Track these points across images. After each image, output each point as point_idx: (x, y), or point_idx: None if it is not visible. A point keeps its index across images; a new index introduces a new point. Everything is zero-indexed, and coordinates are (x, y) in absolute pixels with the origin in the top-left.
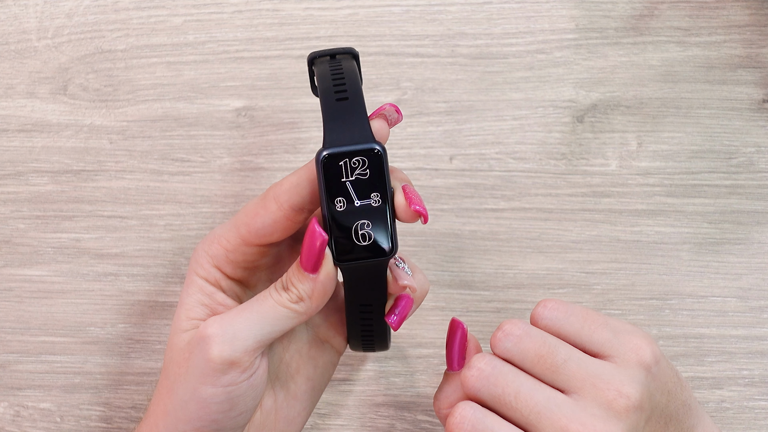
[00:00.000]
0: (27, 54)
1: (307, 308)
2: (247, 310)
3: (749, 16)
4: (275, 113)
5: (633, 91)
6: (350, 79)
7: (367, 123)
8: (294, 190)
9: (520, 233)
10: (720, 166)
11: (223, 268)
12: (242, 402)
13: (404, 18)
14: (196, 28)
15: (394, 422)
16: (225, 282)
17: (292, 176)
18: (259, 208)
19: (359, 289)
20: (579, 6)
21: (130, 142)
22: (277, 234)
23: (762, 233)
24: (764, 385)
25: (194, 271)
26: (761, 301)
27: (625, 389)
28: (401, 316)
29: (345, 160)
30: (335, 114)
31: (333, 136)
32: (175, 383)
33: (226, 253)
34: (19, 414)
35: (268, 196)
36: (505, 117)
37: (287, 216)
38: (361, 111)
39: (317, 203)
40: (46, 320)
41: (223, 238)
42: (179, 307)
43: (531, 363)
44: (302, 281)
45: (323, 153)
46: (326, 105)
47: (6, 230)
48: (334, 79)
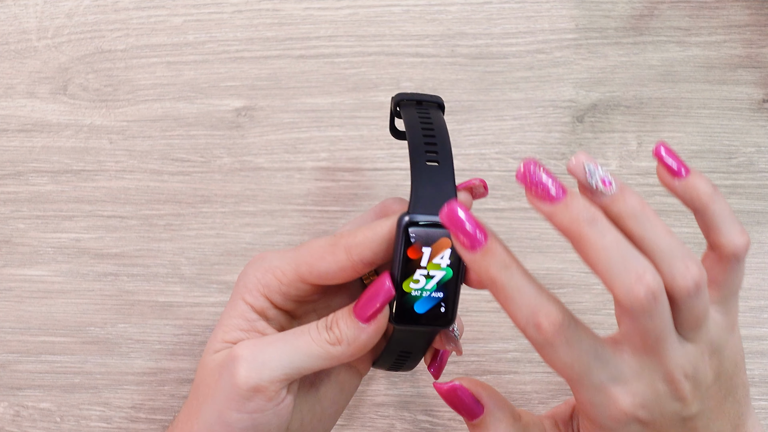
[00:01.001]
0: (27, 54)
1: (342, 353)
2: (282, 341)
3: (749, 16)
4: (275, 113)
5: (633, 91)
6: (441, 140)
7: (454, 194)
8: (368, 246)
9: (520, 233)
10: (720, 166)
11: (272, 298)
12: (266, 429)
13: (404, 18)
14: (196, 28)
15: (394, 422)
16: (271, 311)
17: (368, 230)
18: (327, 253)
19: (405, 342)
20: (579, 6)
21: (130, 142)
22: (338, 279)
23: (762, 233)
24: (764, 385)
25: (241, 296)
26: (761, 301)
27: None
28: (442, 366)
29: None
30: (424, 177)
31: (419, 202)
32: (203, 404)
33: (280, 286)
34: (19, 414)
35: (339, 244)
36: (505, 117)
37: (355, 267)
38: (450, 180)
39: (388, 260)
40: (46, 320)
41: (279, 270)
42: (217, 326)
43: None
44: (350, 327)
45: (406, 218)
46: (416, 164)
47: (6, 230)
48: (425, 135)
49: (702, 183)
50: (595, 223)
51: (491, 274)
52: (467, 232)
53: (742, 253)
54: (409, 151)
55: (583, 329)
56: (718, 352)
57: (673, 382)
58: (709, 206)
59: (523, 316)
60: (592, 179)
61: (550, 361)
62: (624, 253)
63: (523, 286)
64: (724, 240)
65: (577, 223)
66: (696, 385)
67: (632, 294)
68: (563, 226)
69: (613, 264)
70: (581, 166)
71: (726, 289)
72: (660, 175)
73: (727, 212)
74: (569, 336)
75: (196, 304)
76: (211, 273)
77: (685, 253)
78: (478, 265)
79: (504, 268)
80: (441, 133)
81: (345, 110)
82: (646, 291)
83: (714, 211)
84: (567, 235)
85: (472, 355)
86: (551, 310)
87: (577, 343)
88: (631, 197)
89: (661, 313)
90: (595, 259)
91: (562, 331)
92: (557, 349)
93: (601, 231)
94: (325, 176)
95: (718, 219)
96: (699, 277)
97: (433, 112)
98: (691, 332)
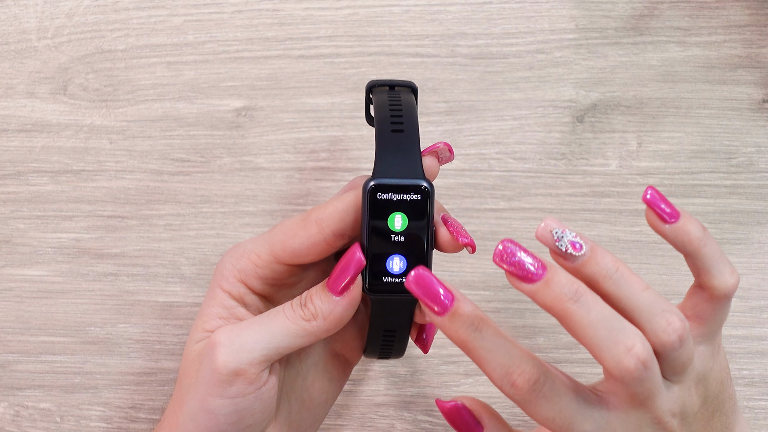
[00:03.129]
0: (27, 54)
1: (317, 328)
2: (257, 323)
3: (749, 16)
4: (275, 113)
5: (633, 91)
6: (408, 113)
7: (419, 158)
8: (338, 216)
9: (520, 233)
10: (720, 166)
11: (249, 282)
12: (250, 415)
13: (404, 18)
14: (196, 28)
15: (394, 422)
16: (249, 297)
17: (336, 201)
18: (298, 228)
19: (386, 317)
20: (579, 6)
21: (130, 142)
22: (311, 256)
23: (762, 233)
24: (764, 385)
25: (218, 284)
26: (761, 301)
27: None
28: (429, 340)
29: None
30: (388, 145)
31: (383, 166)
32: (186, 395)
33: (255, 269)
34: (19, 414)
35: (309, 218)
36: (505, 117)
37: (327, 240)
38: (415, 146)
39: (359, 231)
40: (46, 320)
41: (254, 253)
42: (198, 317)
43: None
44: (324, 301)
45: (371, 183)
46: (380, 134)
47: (6, 230)
48: (391, 109)
49: (692, 227)
50: (579, 299)
51: (461, 337)
52: (434, 296)
53: (732, 293)
54: (375, 127)
55: (561, 383)
56: (704, 380)
57: (661, 423)
58: (700, 250)
59: (498, 376)
60: (561, 244)
61: (533, 416)
62: (611, 326)
63: (495, 346)
64: (715, 282)
65: (561, 302)
66: (683, 418)
67: (622, 366)
68: (547, 305)
69: (600, 338)
70: (548, 233)
71: (713, 324)
72: (650, 220)
73: (717, 254)
74: (546, 392)
75: (196, 304)
76: (211, 273)
77: (664, 307)
78: (447, 328)
79: (473, 330)
80: (408, 108)
81: (345, 110)
82: (636, 362)
83: (705, 255)
84: (552, 312)
85: None
86: (525, 368)
87: (555, 397)
88: (604, 257)
89: (651, 377)
90: (583, 335)
91: (539, 387)
92: (536, 405)
93: (586, 307)
94: (325, 176)
95: (709, 262)
96: (682, 330)
97: (403, 95)
98: (678, 376)
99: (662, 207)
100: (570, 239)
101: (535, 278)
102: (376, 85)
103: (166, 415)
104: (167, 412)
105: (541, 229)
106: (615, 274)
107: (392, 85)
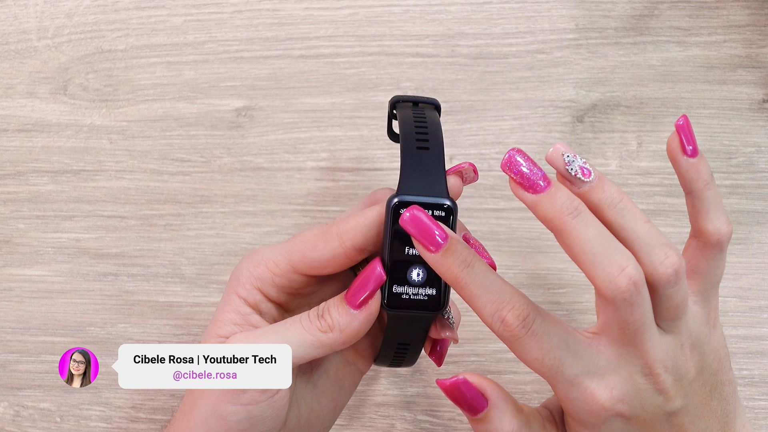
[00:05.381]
0: (27, 54)
1: (334, 341)
2: (273, 332)
3: (749, 16)
4: (275, 113)
5: (633, 91)
6: (433, 130)
7: (443, 177)
8: (360, 231)
9: (520, 233)
10: (720, 166)
11: (265, 290)
12: (261, 422)
13: (404, 18)
14: (196, 28)
15: (394, 422)
16: (264, 304)
17: (359, 216)
18: (319, 240)
19: (402, 331)
20: (579, 6)
21: (130, 142)
22: (330, 268)
23: (762, 233)
24: (764, 385)
25: (234, 290)
26: (761, 301)
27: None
28: (443, 353)
29: None
30: (414, 162)
31: (408, 183)
32: (198, 399)
33: (273, 277)
34: (19, 414)
35: (330, 231)
36: (505, 117)
37: (347, 254)
38: (440, 164)
39: (380, 246)
40: (46, 320)
41: (272, 261)
42: (212, 322)
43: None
44: (341, 313)
45: (395, 199)
46: (406, 151)
47: (6, 230)
48: (417, 126)
49: (705, 168)
50: (579, 215)
51: (454, 273)
52: (427, 233)
53: (725, 241)
54: (400, 143)
55: (552, 322)
56: (699, 346)
57: (653, 374)
58: (703, 191)
59: (488, 313)
60: (571, 168)
61: (521, 357)
62: (607, 244)
63: (487, 283)
64: (710, 226)
65: (561, 215)
66: (677, 378)
67: (614, 284)
68: (547, 217)
69: (595, 255)
70: (560, 156)
71: (706, 279)
72: (670, 146)
73: (718, 201)
74: (536, 329)
75: (196, 304)
76: (211, 273)
77: (664, 241)
78: (440, 264)
79: (466, 266)
80: (433, 126)
81: (345, 110)
82: (628, 282)
83: (707, 197)
84: (550, 226)
85: (472, 355)
86: (516, 304)
87: (545, 336)
88: (610, 186)
89: (641, 304)
90: (578, 251)
91: (528, 324)
92: (525, 344)
93: (585, 223)
94: (325, 176)
95: (709, 205)
96: (678, 265)
97: (428, 111)
98: (670, 323)
99: (690, 138)
100: (580, 164)
101: (539, 189)
102: (400, 101)
103: (176, 419)
104: (177, 415)
105: (552, 152)
106: (619, 203)
107: (416, 102)
